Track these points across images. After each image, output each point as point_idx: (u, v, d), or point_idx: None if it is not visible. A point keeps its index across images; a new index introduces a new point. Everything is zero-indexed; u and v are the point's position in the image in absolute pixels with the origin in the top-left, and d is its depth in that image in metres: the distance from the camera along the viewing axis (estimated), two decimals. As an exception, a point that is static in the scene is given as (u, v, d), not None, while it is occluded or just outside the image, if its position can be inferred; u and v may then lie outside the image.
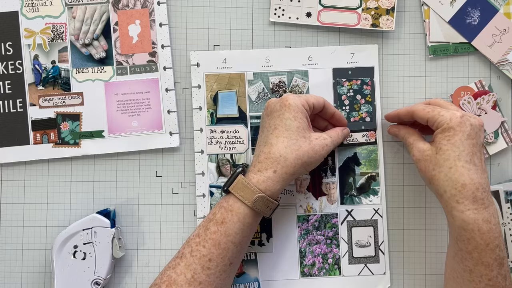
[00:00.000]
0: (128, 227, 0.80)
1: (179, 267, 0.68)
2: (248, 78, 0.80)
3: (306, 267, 0.80)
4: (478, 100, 0.80)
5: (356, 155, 0.80)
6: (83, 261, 0.75)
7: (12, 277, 0.79)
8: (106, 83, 0.80)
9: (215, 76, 0.80)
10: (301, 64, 0.80)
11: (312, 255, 0.80)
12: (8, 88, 0.79)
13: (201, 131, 0.80)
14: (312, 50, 0.81)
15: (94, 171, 0.80)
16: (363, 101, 0.81)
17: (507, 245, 0.79)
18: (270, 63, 0.80)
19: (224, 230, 0.68)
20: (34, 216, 0.80)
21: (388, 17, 0.80)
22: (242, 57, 0.80)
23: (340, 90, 0.81)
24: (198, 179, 0.80)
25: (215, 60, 0.80)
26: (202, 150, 0.80)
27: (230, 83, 0.80)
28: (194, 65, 0.80)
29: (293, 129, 0.69)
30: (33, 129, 0.79)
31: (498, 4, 0.81)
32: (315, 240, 0.80)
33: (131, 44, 0.80)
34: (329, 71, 0.81)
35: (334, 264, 0.80)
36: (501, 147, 0.81)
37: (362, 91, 0.81)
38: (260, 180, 0.69)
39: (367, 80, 0.81)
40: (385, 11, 0.80)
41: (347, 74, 0.81)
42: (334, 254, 0.80)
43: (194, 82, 0.80)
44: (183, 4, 0.81)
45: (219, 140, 0.80)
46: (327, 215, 0.80)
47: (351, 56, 0.81)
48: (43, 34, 0.80)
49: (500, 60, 0.81)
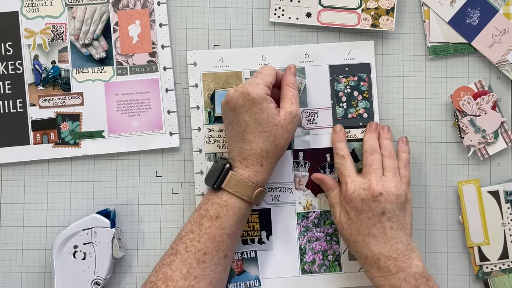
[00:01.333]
0: (128, 227, 0.80)
1: (174, 264, 0.70)
2: (245, 76, 0.80)
3: (306, 264, 0.80)
4: (478, 101, 0.80)
5: (354, 151, 0.80)
6: (83, 261, 0.75)
7: (12, 277, 0.79)
8: (106, 83, 0.80)
9: (212, 75, 0.80)
10: (298, 62, 0.80)
11: (312, 252, 0.80)
12: (8, 88, 0.79)
13: (199, 130, 0.80)
14: (308, 48, 0.81)
15: (94, 171, 0.80)
16: (360, 97, 0.81)
17: (507, 245, 0.79)
18: (266, 61, 0.81)
19: (219, 224, 0.71)
20: (34, 216, 0.80)
21: (388, 18, 0.80)
22: (239, 55, 0.80)
23: (337, 86, 0.81)
24: (197, 178, 0.80)
25: (212, 59, 0.80)
26: (200, 149, 0.80)
27: (227, 82, 0.80)
28: (191, 64, 0.80)
29: (263, 121, 0.71)
30: (33, 129, 0.79)
31: (498, 5, 0.81)
32: (315, 237, 0.80)
33: (131, 44, 0.80)
34: (326, 68, 0.81)
35: (334, 260, 0.80)
36: (500, 147, 0.81)
37: (359, 87, 0.81)
38: (251, 175, 0.72)
39: (364, 77, 0.81)
40: (385, 11, 0.80)
41: (344, 70, 0.81)
42: (334, 250, 0.80)
43: (191, 81, 0.80)
44: (183, 4, 0.81)
45: (217, 139, 0.80)
46: (326, 211, 0.80)
47: (347, 53, 0.81)
48: (43, 34, 0.80)
49: (500, 61, 0.81)
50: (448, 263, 0.81)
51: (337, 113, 0.80)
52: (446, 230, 0.81)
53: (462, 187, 0.80)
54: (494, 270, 0.80)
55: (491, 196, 0.79)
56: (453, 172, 0.81)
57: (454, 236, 0.81)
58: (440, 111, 0.82)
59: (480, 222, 0.79)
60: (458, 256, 0.81)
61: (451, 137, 0.82)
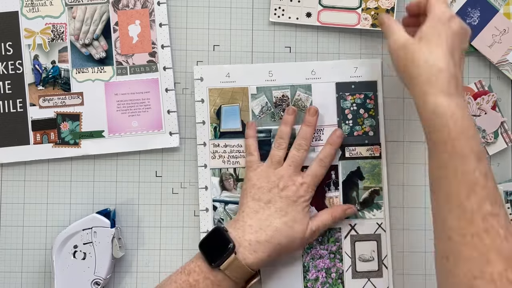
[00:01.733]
0: (128, 227, 0.80)
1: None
2: (251, 92, 0.80)
3: (309, 281, 0.79)
4: (478, 101, 0.80)
5: (359, 169, 0.80)
6: (83, 261, 0.75)
7: (12, 277, 0.79)
8: (106, 83, 0.80)
9: (218, 90, 0.80)
10: (304, 78, 0.80)
11: (315, 270, 0.79)
12: (8, 88, 0.79)
13: (204, 145, 0.80)
14: (315, 64, 0.80)
15: (94, 171, 0.80)
16: (366, 115, 0.80)
17: (507, 245, 0.79)
18: (273, 77, 0.80)
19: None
20: (34, 216, 0.80)
21: (388, 17, 0.80)
22: (245, 71, 0.80)
23: (343, 104, 0.80)
24: (201, 193, 0.80)
25: (218, 74, 0.80)
26: (205, 164, 0.80)
27: (233, 97, 0.80)
28: (198, 79, 0.80)
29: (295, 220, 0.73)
30: (33, 129, 0.79)
31: (498, 5, 0.81)
32: (318, 254, 0.79)
33: (131, 44, 0.80)
34: (332, 85, 0.80)
35: (338, 278, 0.79)
36: (500, 147, 0.81)
37: (365, 105, 0.80)
38: (255, 262, 0.70)
39: (370, 95, 0.80)
40: (385, 11, 0.80)
41: (350, 88, 0.80)
42: (338, 268, 0.79)
43: (197, 96, 0.80)
44: (183, 4, 0.81)
45: (222, 154, 0.80)
46: (330, 229, 0.79)
47: (354, 70, 0.81)
48: (43, 34, 0.80)
49: (500, 61, 0.81)
50: (448, 263, 0.81)
51: (343, 131, 0.80)
52: (446, 230, 0.81)
53: (462, 187, 0.80)
54: (494, 270, 0.79)
55: (491, 196, 0.79)
56: (453, 172, 0.81)
57: (454, 236, 0.81)
58: (440, 111, 0.82)
59: (480, 222, 0.79)
60: (458, 256, 0.81)
61: (451, 137, 0.82)
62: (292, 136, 0.78)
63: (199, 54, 0.81)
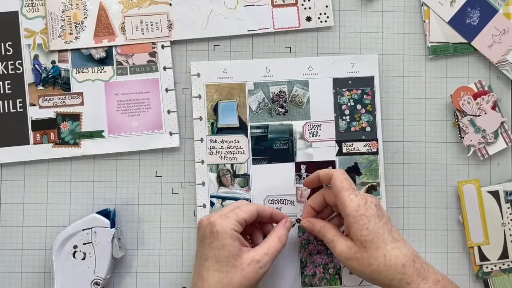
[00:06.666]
0: (128, 227, 0.80)
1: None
2: (249, 88, 0.80)
3: (307, 277, 0.79)
4: (478, 101, 0.80)
5: (356, 164, 0.80)
6: (83, 261, 0.75)
7: (12, 277, 0.79)
8: (106, 83, 0.80)
9: (216, 86, 0.80)
10: (301, 74, 0.80)
11: (313, 265, 0.79)
12: (8, 88, 0.79)
13: (201, 141, 0.80)
14: (312, 60, 0.81)
15: (94, 171, 0.80)
16: (364, 110, 0.80)
17: (507, 245, 0.79)
18: (270, 73, 0.80)
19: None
20: (34, 216, 0.80)
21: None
22: (243, 67, 0.80)
23: (340, 99, 0.80)
24: (199, 189, 0.80)
25: (216, 70, 0.80)
26: (202, 160, 0.80)
27: (231, 93, 0.80)
28: (195, 75, 0.80)
29: (222, 259, 0.65)
30: (33, 129, 0.79)
31: (497, 5, 0.81)
32: (316, 250, 0.80)
33: (131, 44, 0.80)
34: (330, 80, 0.81)
35: (335, 274, 0.79)
36: (500, 147, 0.81)
37: (362, 100, 0.80)
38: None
39: (367, 90, 0.81)
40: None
41: (348, 84, 0.80)
42: (335, 264, 0.80)
43: (194, 92, 0.80)
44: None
45: (220, 150, 0.80)
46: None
47: (351, 66, 0.81)
48: (43, 34, 0.80)
49: (500, 61, 0.81)
50: (448, 263, 0.81)
51: (340, 126, 0.80)
52: (446, 230, 0.81)
53: (462, 187, 0.80)
54: (494, 270, 0.80)
55: (491, 196, 0.79)
56: (453, 172, 0.81)
57: (454, 236, 0.81)
58: (440, 111, 0.82)
59: (480, 222, 0.79)
60: (458, 256, 0.81)
61: (451, 137, 0.82)
62: (288, 131, 0.79)
63: (199, 54, 0.81)
